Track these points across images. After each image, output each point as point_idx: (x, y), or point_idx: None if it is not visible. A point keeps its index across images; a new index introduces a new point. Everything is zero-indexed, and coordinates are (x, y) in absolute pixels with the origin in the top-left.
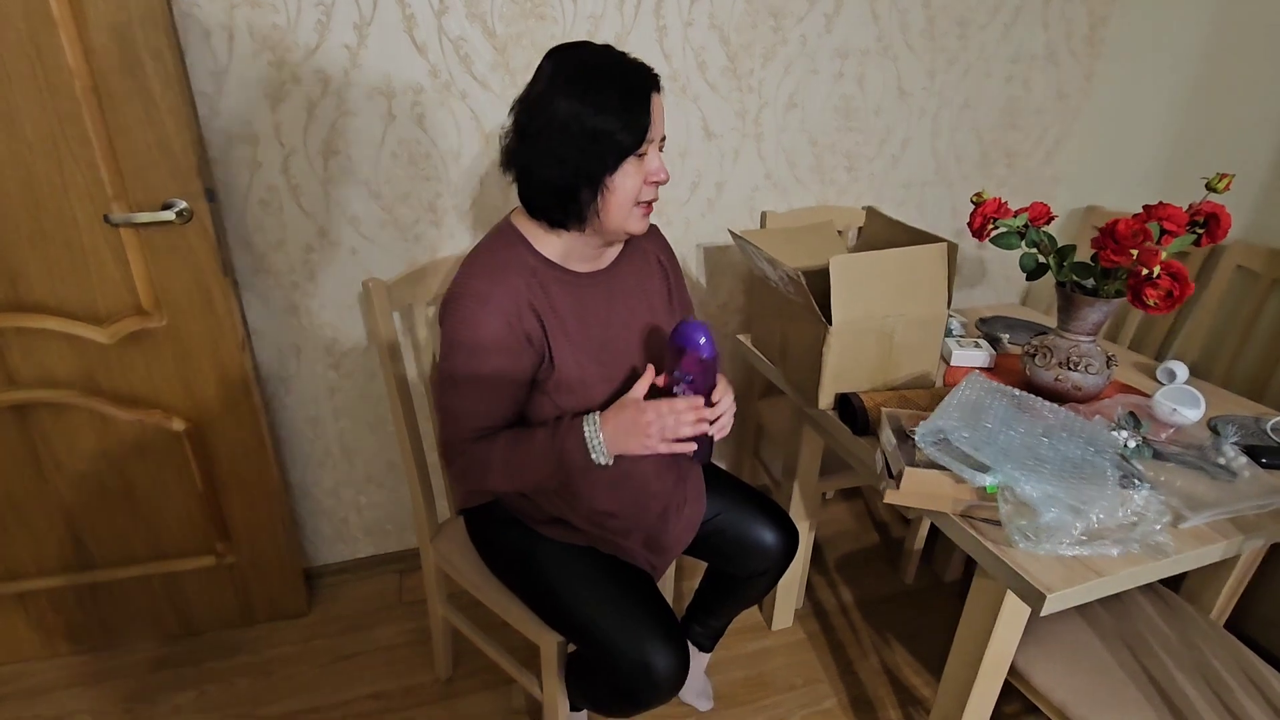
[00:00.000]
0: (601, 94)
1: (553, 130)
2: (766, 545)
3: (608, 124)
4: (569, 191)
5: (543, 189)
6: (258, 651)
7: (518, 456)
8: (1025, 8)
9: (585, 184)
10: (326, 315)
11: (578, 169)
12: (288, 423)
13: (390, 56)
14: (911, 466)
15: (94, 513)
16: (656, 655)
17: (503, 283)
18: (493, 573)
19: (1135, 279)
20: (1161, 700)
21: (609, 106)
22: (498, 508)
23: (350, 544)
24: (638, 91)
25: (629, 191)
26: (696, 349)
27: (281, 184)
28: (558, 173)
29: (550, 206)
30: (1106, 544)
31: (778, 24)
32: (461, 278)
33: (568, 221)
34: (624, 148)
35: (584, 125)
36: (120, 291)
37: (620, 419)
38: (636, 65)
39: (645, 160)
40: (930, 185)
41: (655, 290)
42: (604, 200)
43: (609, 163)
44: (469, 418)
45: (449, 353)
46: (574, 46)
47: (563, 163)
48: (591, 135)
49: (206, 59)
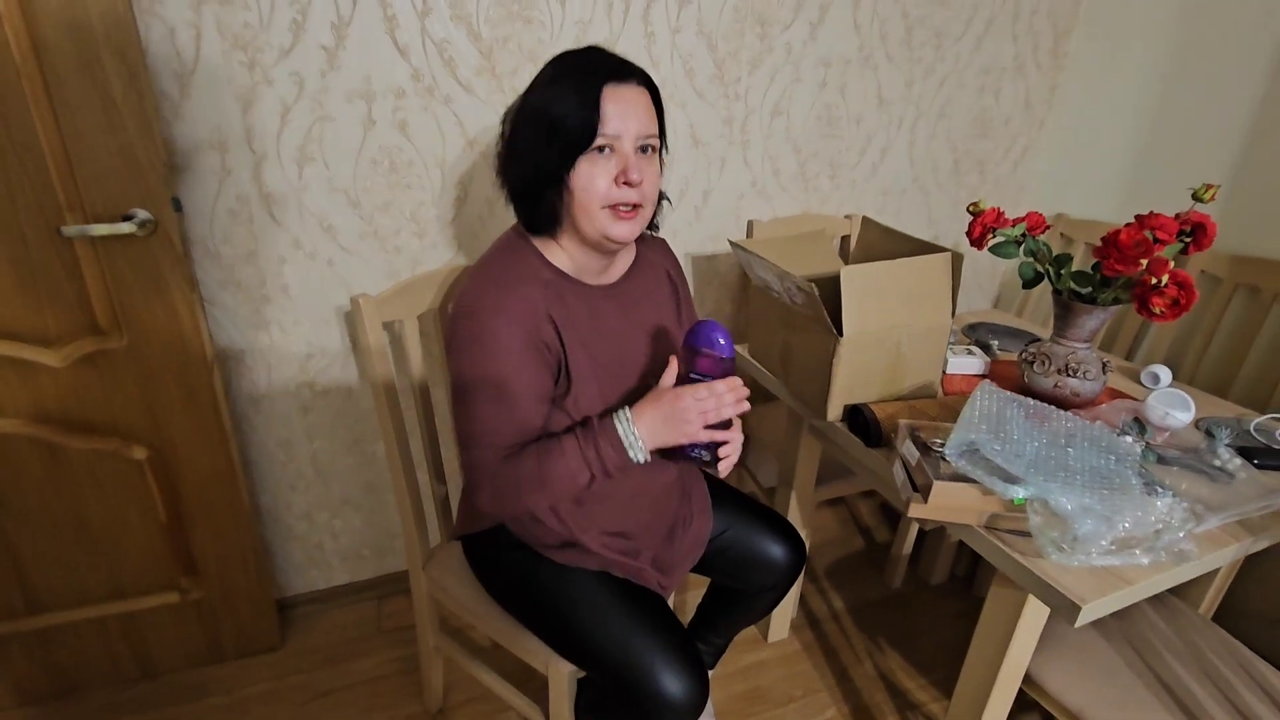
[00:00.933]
0: (557, 86)
1: (517, 127)
2: (775, 560)
3: (558, 114)
4: (535, 192)
5: (513, 191)
6: (228, 692)
7: (551, 468)
8: (996, 20)
9: (547, 183)
10: (301, 331)
11: (537, 166)
12: (257, 445)
13: (370, 59)
14: (938, 480)
15: (43, 552)
16: (676, 681)
17: (518, 293)
18: (495, 599)
19: (1143, 288)
20: (1170, 698)
21: (561, 97)
22: (501, 532)
23: (324, 571)
24: (590, 80)
25: (594, 192)
26: (715, 349)
27: (253, 193)
28: (521, 170)
29: (523, 210)
30: (1136, 553)
31: (764, 32)
32: (474, 291)
33: (543, 224)
34: (574, 141)
35: (539, 116)
36: (73, 310)
37: (657, 410)
38: (602, 57)
39: (610, 159)
40: (908, 193)
41: (665, 304)
42: (569, 201)
43: (563, 157)
44: (499, 437)
45: (468, 371)
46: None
47: (523, 160)
48: (545, 127)
49: (171, 59)
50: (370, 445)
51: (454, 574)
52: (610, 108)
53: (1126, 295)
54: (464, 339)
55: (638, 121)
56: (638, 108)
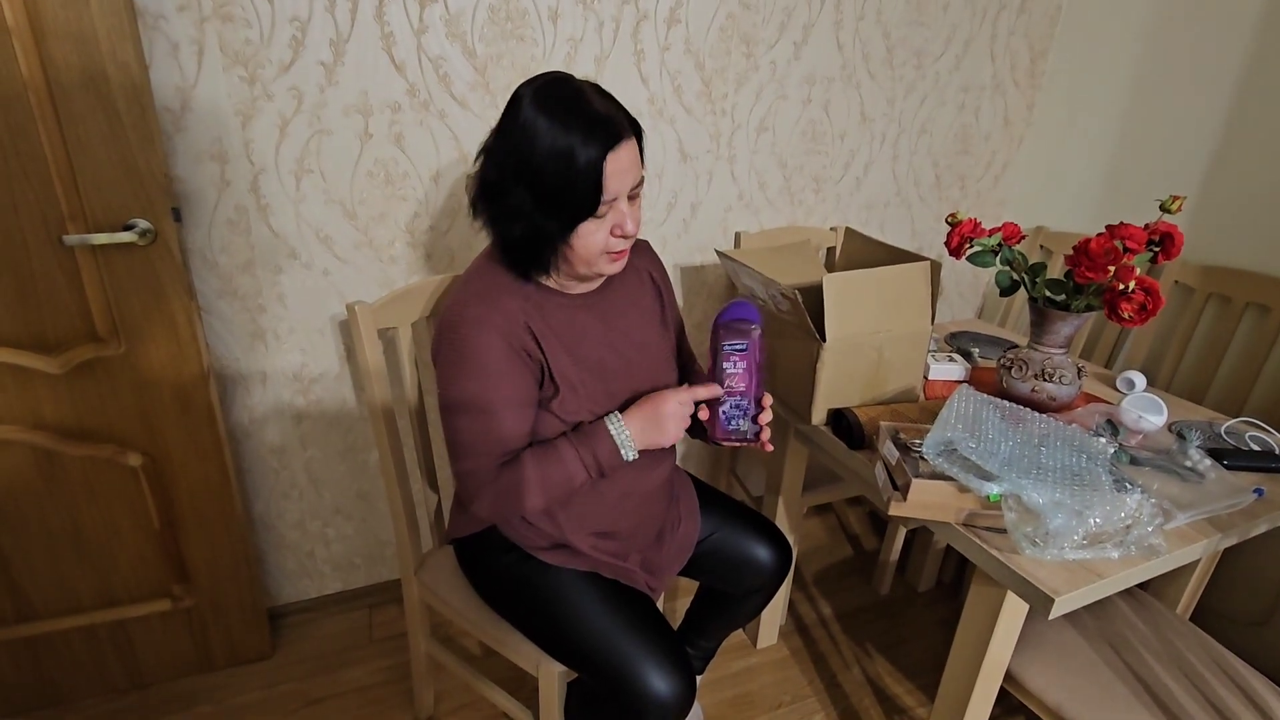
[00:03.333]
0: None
1: (508, 185)
2: (761, 562)
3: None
4: (531, 249)
5: (506, 244)
6: (219, 700)
7: (550, 471)
8: (974, 41)
9: (545, 243)
10: (296, 339)
11: (538, 229)
12: (251, 453)
13: (368, 74)
14: (917, 478)
15: (35, 559)
16: (664, 681)
17: (497, 306)
18: (487, 602)
19: (1111, 294)
20: (1148, 695)
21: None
22: (492, 535)
23: (316, 580)
24: (593, 151)
25: (593, 247)
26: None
27: (250, 203)
28: (519, 230)
29: (516, 260)
30: (1107, 547)
31: (749, 51)
32: (456, 306)
33: (535, 271)
34: (580, 211)
35: (537, 184)
36: (73, 318)
37: (643, 411)
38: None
39: (608, 215)
40: (891, 206)
41: (649, 308)
42: (566, 252)
43: (567, 224)
44: (489, 444)
45: (453, 382)
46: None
47: (520, 220)
48: (546, 198)
49: (173, 74)
50: (363, 453)
51: (445, 580)
52: (610, 171)
53: (1098, 301)
54: (448, 355)
55: (631, 177)
56: (631, 164)
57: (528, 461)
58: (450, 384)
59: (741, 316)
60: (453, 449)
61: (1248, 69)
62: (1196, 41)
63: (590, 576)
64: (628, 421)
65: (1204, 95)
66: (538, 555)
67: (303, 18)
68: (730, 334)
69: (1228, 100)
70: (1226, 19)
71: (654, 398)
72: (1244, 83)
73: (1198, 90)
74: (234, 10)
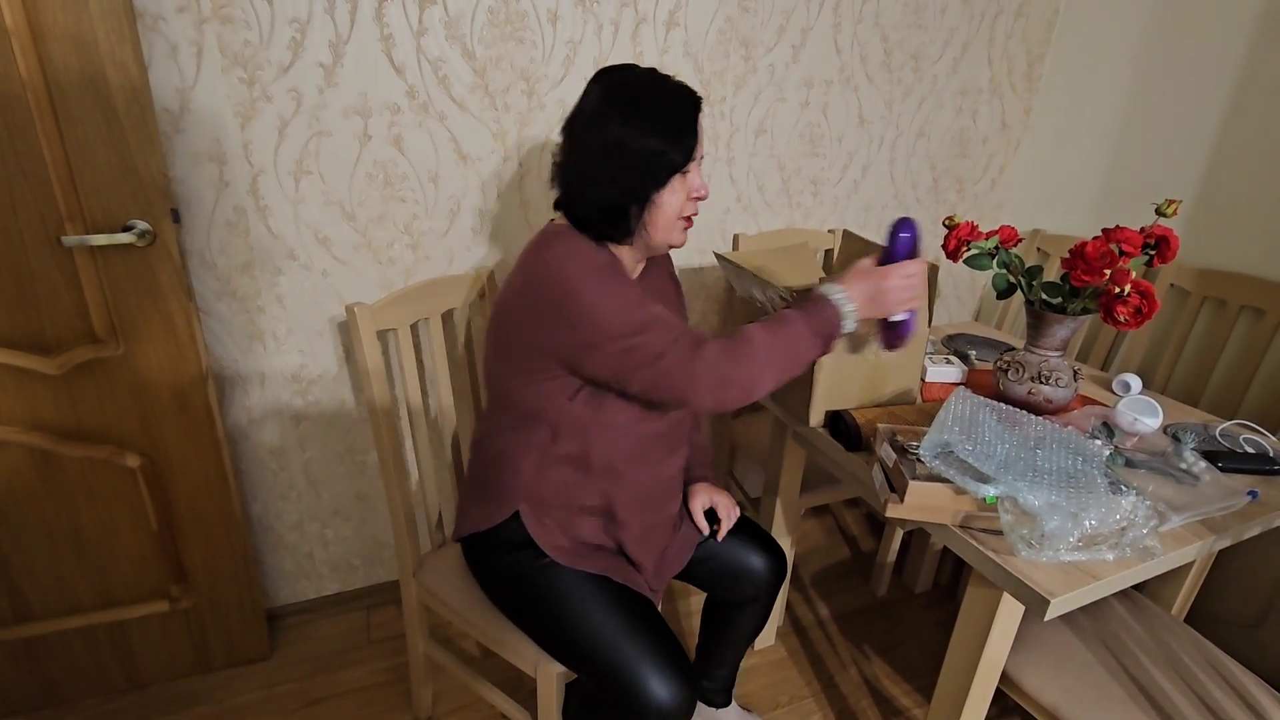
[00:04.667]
0: (654, 116)
1: (606, 151)
2: (755, 570)
3: (659, 144)
4: (620, 209)
5: (594, 207)
6: (217, 701)
7: (780, 337)
8: (972, 44)
9: (634, 201)
10: (294, 340)
11: (629, 188)
12: (249, 454)
13: (367, 76)
14: (914, 480)
15: (34, 560)
16: (664, 686)
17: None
18: (491, 599)
19: (1107, 297)
20: (1143, 696)
21: (661, 128)
22: (501, 532)
23: (314, 581)
24: (687, 112)
25: (674, 207)
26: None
27: (249, 205)
28: (609, 191)
29: (600, 223)
30: (1102, 549)
31: (748, 54)
32: (555, 260)
33: (616, 236)
34: (674, 165)
35: (637, 146)
36: (71, 319)
37: (867, 283)
38: (683, 87)
39: (689, 177)
40: (889, 209)
41: (672, 299)
42: (651, 216)
43: (659, 180)
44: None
45: (598, 298)
46: (622, 69)
47: (614, 181)
48: (644, 155)
49: (172, 75)
50: (361, 454)
51: (444, 581)
52: (698, 136)
53: (1094, 304)
54: (579, 279)
55: (703, 143)
56: (703, 132)
57: (756, 330)
58: (590, 302)
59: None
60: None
61: (1243, 73)
62: (1193, 46)
63: (596, 580)
64: (849, 290)
65: (1200, 99)
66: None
67: (302, 19)
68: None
69: (1224, 104)
70: (1222, 23)
71: (870, 270)
72: (1240, 87)
73: (1194, 94)
74: (233, 12)
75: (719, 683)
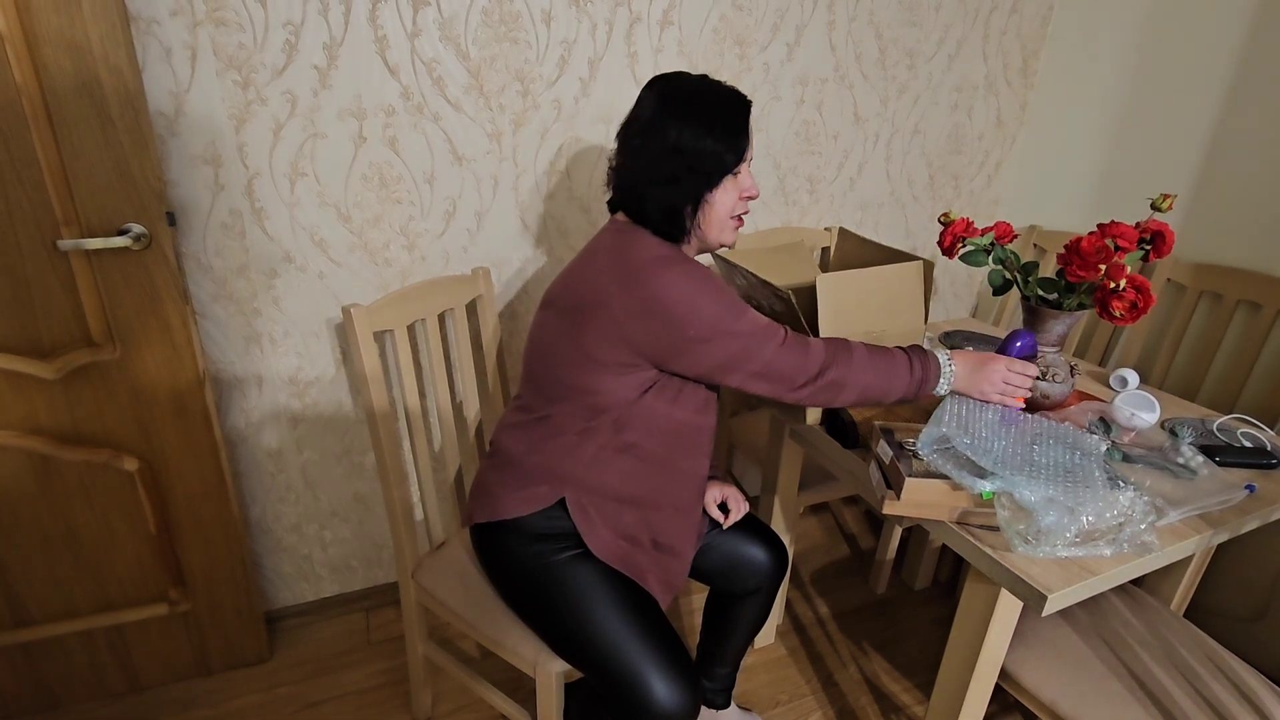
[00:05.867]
0: (708, 118)
1: (664, 153)
2: (757, 561)
3: (714, 145)
4: (677, 208)
5: (653, 206)
6: (216, 704)
7: (879, 356)
8: (967, 41)
9: (690, 201)
10: (291, 343)
11: (686, 188)
12: (247, 456)
13: (361, 78)
14: (911, 477)
15: (32, 564)
16: (667, 688)
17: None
18: (498, 589)
19: (1103, 292)
20: (1141, 691)
21: (716, 129)
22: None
23: (313, 583)
24: (739, 114)
25: (727, 206)
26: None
27: (245, 207)
28: (667, 191)
29: (660, 221)
30: (1100, 545)
31: (742, 52)
32: (651, 262)
33: (675, 234)
34: (726, 166)
35: (693, 147)
36: (68, 323)
37: (973, 360)
38: (734, 91)
39: (740, 178)
40: (885, 206)
41: None
42: (705, 215)
43: (713, 180)
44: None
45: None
46: (676, 76)
47: (672, 182)
48: (699, 156)
49: (166, 78)
50: (359, 456)
51: (443, 582)
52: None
53: (1089, 300)
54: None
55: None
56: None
57: (861, 348)
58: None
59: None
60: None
61: (1239, 67)
62: (1188, 39)
63: (611, 579)
64: (957, 360)
65: (1196, 93)
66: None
67: (296, 22)
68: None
69: (1219, 98)
70: (1218, 17)
71: (982, 355)
72: (1235, 81)
73: (1189, 88)
74: (227, 15)
75: (720, 682)
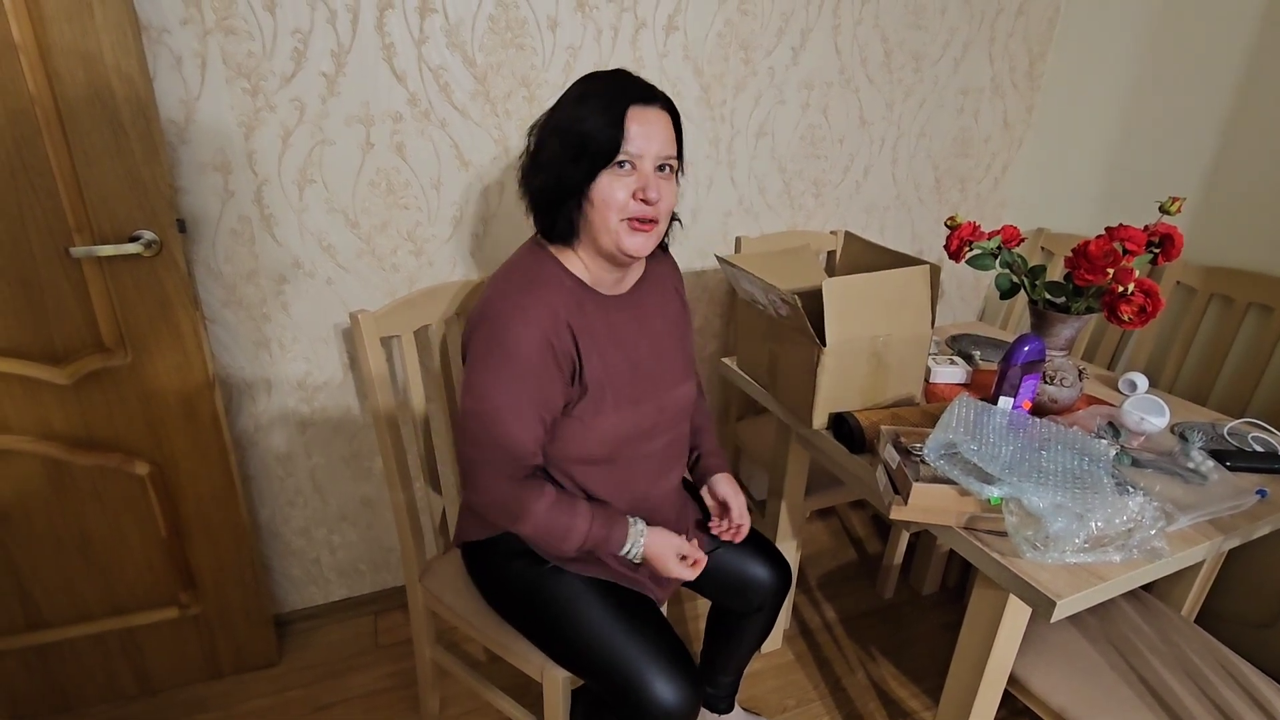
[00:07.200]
0: (585, 104)
1: (544, 141)
2: (760, 580)
3: (585, 130)
4: (557, 201)
5: (534, 198)
6: (226, 707)
7: (558, 520)
8: (973, 44)
9: (569, 194)
10: (299, 348)
11: (560, 177)
12: (256, 460)
13: (369, 85)
14: (918, 482)
15: (45, 568)
16: (669, 688)
17: (540, 297)
18: (494, 607)
19: (1111, 296)
20: (1152, 697)
21: (588, 115)
22: (502, 540)
23: (322, 587)
24: (616, 101)
25: (613, 204)
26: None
27: (254, 213)
28: (545, 181)
29: (543, 219)
30: (1109, 550)
31: (748, 56)
32: (496, 294)
33: (561, 233)
34: (598, 156)
35: (566, 132)
36: (80, 329)
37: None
38: (628, 79)
39: (631, 175)
40: (891, 210)
41: (674, 317)
42: (589, 211)
43: (586, 170)
44: (511, 445)
45: (483, 372)
46: (598, 71)
47: (548, 171)
48: (572, 142)
49: (177, 86)
50: (367, 460)
51: (450, 586)
52: (634, 127)
53: (1097, 304)
54: (483, 341)
55: (658, 142)
56: (659, 129)
57: (545, 500)
58: (479, 376)
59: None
60: (461, 432)
61: (1248, 66)
62: (1196, 40)
63: (599, 584)
64: (650, 535)
65: (1204, 94)
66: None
67: (304, 30)
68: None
69: (1228, 99)
70: (1226, 16)
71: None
72: (1244, 81)
73: (1198, 89)
74: (236, 23)
75: (723, 689)
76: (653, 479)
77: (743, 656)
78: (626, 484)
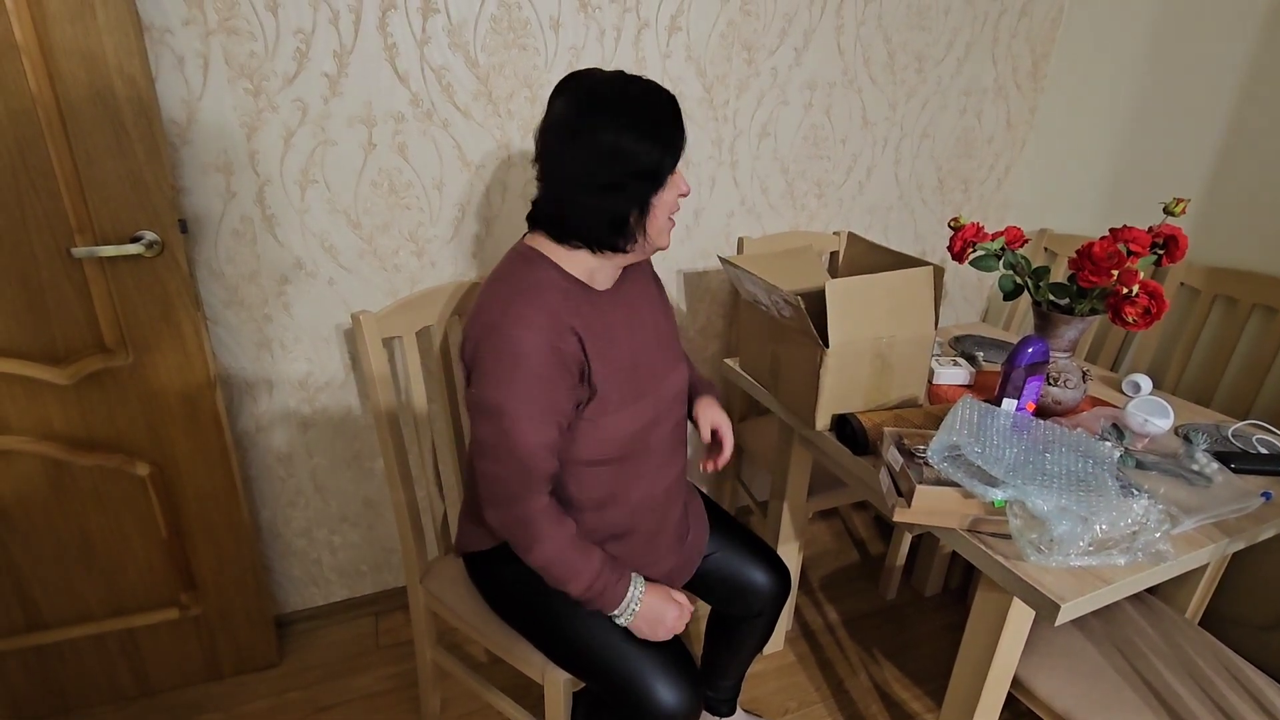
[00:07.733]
0: (644, 120)
1: (600, 159)
2: (759, 586)
3: (654, 148)
4: (623, 215)
5: (594, 217)
6: (227, 708)
7: (571, 559)
8: (976, 45)
9: (635, 207)
10: (301, 348)
11: (632, 194)
12: (257, 461)
13: (371, 85)
14: (921, 484)
15: (45, 568)
16: (670, 690)
17: (541, 304)
18: (495, 610)
19: (1115, 298)
20: (1156, 701)
21: (656, 132)
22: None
23: (323, 587)
24: (672, 113)
25: (667, 208)
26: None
27: (256, 214)
28: (613, 200)
29: (601, 231)
30: (1114, 553)
31: (750, 57)
32: (495, 304)
33: (620, 244)
34: (666, 169)
35: (633, 150)
36: (81, 329)
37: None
38: (659, 88)
39: (676, 178)
40: (894, 210)
41: (657, 300)
42: (649, 220)
43: (659, 183)
44: (530, 454)
45: (495, 385)
46: (588, 74)
47: (616, 189)
48: (638, 159)
49: (179, 87)
50: (369, 461)
51: (451, 587)
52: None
53: (1102, 305)
54: (489, 353)
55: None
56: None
57: (563, 537)
58: (485, 385)
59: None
60: (478, 447)
61: (1251, 66)
62: (1200, 40)
63: None
64: (647, 595)
65: (1208, 95)
66: None
67: (306, 30)
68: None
69: (1232, 100)
70: (1230, 17)
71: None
72: (1248, 82)
73: (1202, 90)
74: (238, 24)
75: (723, 693)
76: (657, 469)
77: (743, 660)
78: (634, 479)
